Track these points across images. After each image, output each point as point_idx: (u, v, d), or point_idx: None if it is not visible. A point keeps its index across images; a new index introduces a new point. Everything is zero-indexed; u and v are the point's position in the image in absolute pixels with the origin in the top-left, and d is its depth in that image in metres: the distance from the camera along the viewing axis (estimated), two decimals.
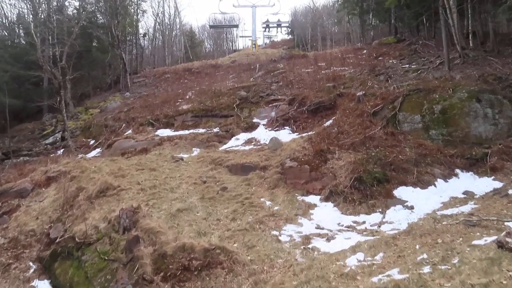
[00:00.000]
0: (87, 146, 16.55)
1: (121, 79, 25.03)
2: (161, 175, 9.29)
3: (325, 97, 13.04)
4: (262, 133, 13.12)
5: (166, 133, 14.86)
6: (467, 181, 7.85)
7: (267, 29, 49.67)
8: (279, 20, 44.66)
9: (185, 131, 14.59)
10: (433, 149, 8.58)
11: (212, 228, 6.84)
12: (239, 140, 13.05)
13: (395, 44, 19.93)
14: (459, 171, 8.12)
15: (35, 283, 6.79)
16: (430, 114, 9.13)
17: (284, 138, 11.94)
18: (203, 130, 14.36)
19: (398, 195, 7.65)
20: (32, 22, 19.11)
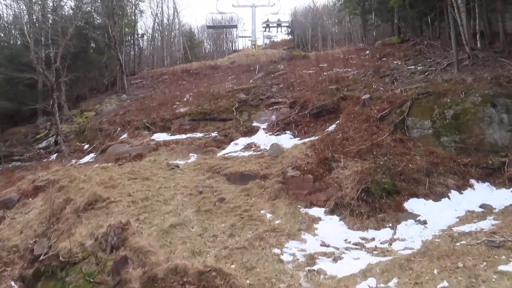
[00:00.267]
0: (81, 150, 16.00)
1: (118, 80, 24.49)
2: (154, 184, 8.72)
3: (328, 100, 12.47)
4: (262, 138, 12.57)
5: (163, 137, 14.31)
6: (484, 192, 7.28)
7: (267, 29, 49.12)
8: (279, 20, 44.12)
9: (182, 136, 14.04)
10: (445, 157, 8.02)
11: (208, 246, 6.28)
12: (238, 145, 12.49)
13: (399, 45, 19.35)
14: (474, 181, 7.55)
15: None
16: (441, 120, 8.56)
17: (285, 143, 11.39)
18: (200, 135, 13.81)
19: (409, 208, 7.08)
20: (26, 23, 18.49)
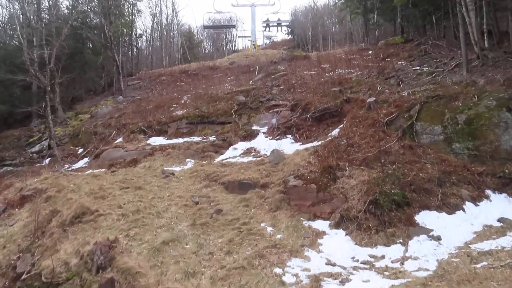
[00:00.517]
0: (75, 155, 15.46)
1: (114, 82, 23.97)
2: (147, 194, 8.19)
3: (330, 102, 11.94)
4: (262, 142, 12.04)
5: (159, 141, 13.80)
6: (501, 205, 6.75)
7: (267, 28, 48.60)
8: (279, 19, 43.61)
9: (179, 140, 13.52)
10: (458, 165, 7.48)
11: (203, 265, 5.75)
12: (237, 150, 11.97)
13: (403, 44, 18.83)
14: (490, 192, 7.02)
15: None
16: (453, 125, 8.02)
17: (286, 148, 10.87)
18: (198, 139, 13.29)
19: (421, 221, 6.55)
20: (19, 23, 17.97)
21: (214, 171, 9.50)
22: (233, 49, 50.85)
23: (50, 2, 23.33)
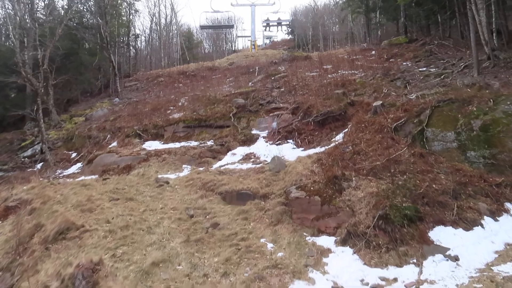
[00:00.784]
0: (68, 160, 14.90)
1: (111, 83, 23.42)
2: (138, 207, 7.63)
3: (334, 106, 11.37)
4: (262, 148, 11.49)
5: (154, 146, 13.25)
6: None
7: (267, 28, 48.08)
8: (279, 19, 43.08)
9: (176, 144, 12.98)
10: (473, 175, 6.91)
11: None
12: (235, 156, 11.42)
13: (407, 45, 18.28)
14: (510, 206, 6.44)
15: None
16: (467, 131, 7.45)
17: (288, 154, 10.32)
18: (195, 143, 12.75)
19: (436, 238, 5.98)
20: (11, 23, 17.42)
21: (211, 179, 8.94)
22: (233, 49, 50.29)
23: (46, 2, 22.84)
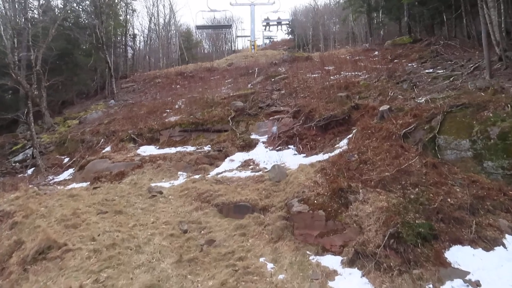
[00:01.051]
0: (59, 165, 14.32)
1: (107, 84, 22.87)
2: (128, 221, 7.06)
3: (337, 109, 10.81)
4: (262, 154, 10.93)
5: (149, 151, 12.70)
6: None
7: (267, 27, 47.54)
8: (279, 18, 42.54)
9: (171, 149, 12.43)
10: (492, 188, 6.35)
11: None
12: (234, 162, 10.86)
13: (411, 45, 17.71)
14: None
15: None
16: (483, 140, 6.88)
17: (288, 161, 9.77)
18: (192, 148, 12.19)
19: (453, 260, 5.41)
20: (2, 23, 16.85)
21: (207, 189, 8.38)
22: (233, 49, 49.72)
23: (40, 1, 22.26)
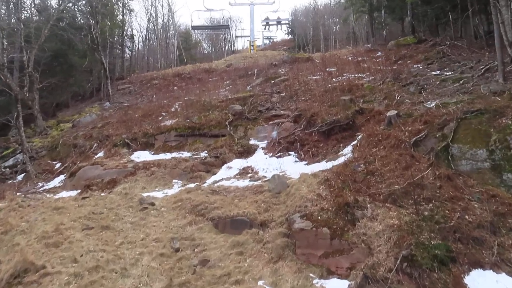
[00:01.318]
0: (51, 171, 13.76)
1: (102, 86, 22.32)
2: (115, 238, 6.48)
3: (340, 114, 10.24)
4: (261, 160, 10.38)
5: (144, 156, 12.16)
6: None
7: (266, 27, 47.02)
8: (278, 18, 42.03)
9: (166, 155, 11.89)
10: None
11: None
12: (231, 170, 10.30)
13: (415, 45, 17.12)
14: None
15: None
16: (502, 149, 6.32)
17: (289, 169, 9.23)
18: (188, 154, 11.64)
19: (474, 287, 4.85)
20: None
21: (202, 201, 7.80)
22: (232, 49, 49.17)
23: (35, 1, 21.72)
